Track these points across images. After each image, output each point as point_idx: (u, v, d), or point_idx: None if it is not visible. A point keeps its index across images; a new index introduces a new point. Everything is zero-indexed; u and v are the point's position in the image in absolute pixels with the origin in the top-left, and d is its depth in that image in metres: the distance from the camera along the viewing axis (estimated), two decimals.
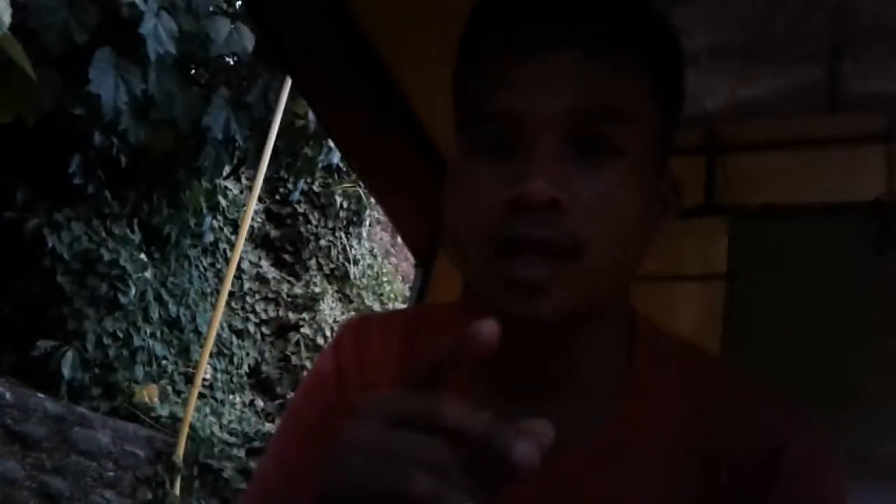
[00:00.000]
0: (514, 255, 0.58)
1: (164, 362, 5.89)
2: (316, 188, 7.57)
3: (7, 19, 3.39)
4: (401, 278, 8.33)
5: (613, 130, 0.60)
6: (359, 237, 7.91)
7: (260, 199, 6.68)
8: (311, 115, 5.13)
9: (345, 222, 7.75)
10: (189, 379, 5.83)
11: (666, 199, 0.66)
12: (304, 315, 7.17)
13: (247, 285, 7.11)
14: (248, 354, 6.84)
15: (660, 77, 0.63)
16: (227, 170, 5.59)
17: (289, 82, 4.88)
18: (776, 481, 0.63)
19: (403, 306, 5.54)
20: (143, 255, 5.63)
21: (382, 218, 7.66)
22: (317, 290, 7.37)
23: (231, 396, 6.50)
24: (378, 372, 0.74)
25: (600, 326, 0.67)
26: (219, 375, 6.46)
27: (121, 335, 5.40)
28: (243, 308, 7.05)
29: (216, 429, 5.72)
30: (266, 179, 5.97)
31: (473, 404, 0.67)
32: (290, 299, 7.26)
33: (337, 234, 7.72)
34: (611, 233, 0.59)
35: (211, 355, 5.90)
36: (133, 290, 5.33)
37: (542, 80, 0.59)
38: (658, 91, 0.63)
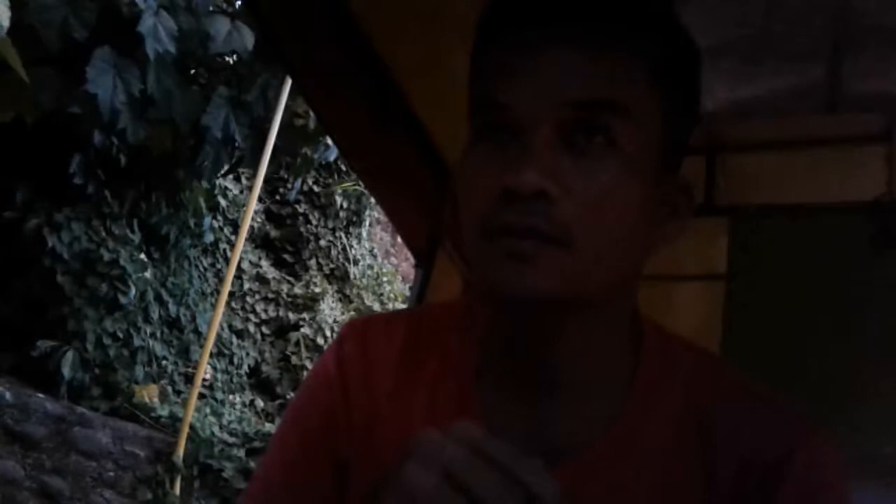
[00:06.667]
0: (503, 238, 0.60)
1: (164, 362, 5.89)
2: (316, 188, 7.57)
3: (6, 23, 3.37)
4: (401, 278, 8.33)
5: (608, 121, 0.61)
6: (359, 237, 7.91)
7: (260, 199, 6.68)
8: (311, 115, 5.13)
9: (345, 222, 7.74)
10: (189, 379, 5.83)
11: (673, 202, 0.66)
12: (304, 315, 7.17)
13: (247, 285, 7.10)
14: (248, 354, 6.83)
15: (663, 77, 0.63)
16: (225, 169, 5.58)
17: (289, 81, 4.88)
18: (781, 488, 0.63)
19: (403, 306, 5.55)
20: (143, 255, 5.63)
21: (382, 218, 7.66)
22: (317, 290, 7.37)
23: (231, 396, 6.50)
24: (381, 372, 0.74)
25: (602, 326, 0.67)
26: (219, 375, 6.46)
27: (121, 335, 5.40)
28: (243, 308, 7.04)
29: (216, 429, 5.72)
30: (266, 179, 5.96)
31: (479, 406, 0.68)
32: (290, 299, 7.26)
33: (337, 234, 7.71)
34: (600, 223, 0.60)
35: (211, 355, 5.90)
36: (133, 290, 5.33)
37: (541, 75, 0.61)
38: (661, 91, 0.63)
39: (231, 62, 5.41)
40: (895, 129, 1.58)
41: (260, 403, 6.67)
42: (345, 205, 7.63)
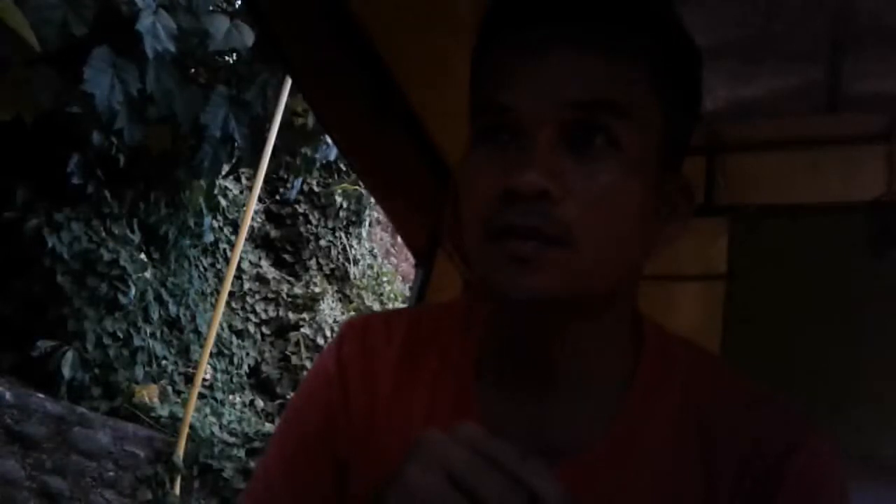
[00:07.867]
0: (505, 240, 0.61)
1: (164, 362, 5.88)
2: (316, 188, 7.57)
3: None
4: (401, 278, 8.33)
5: (609, 121, 0.61)
6: (359, 237, 7.91)
7: (260, 199, 6.68)
8: (310, 114, 5.12)
9: (345, 222, 7.74)
10: (189, 379, 5.83)
11: (673, 202, 0.66)
12: (304, 315, 7.17)
13: (247, 285, 7.10)
14: (248, 354, 6.83)
15: (663, 78, 0.64)
16: (225, 169, 5.57)
17: (289, 81, 4.87)
18: (781, 488, 0.63)
19: (403, 306, 5.55)
20: (142, 255, 5.62)
21: (382, 218, 7.66)
22: (317, 290, 7.36)
23: (231, 396, 6.50)
24: (381, 371, 0.74)
25: (602, 326, 0.67)
26: (219, 375, 6.46)
27: (121, 335, 5.40)
28: (243, 308, 7.04)
29: (216, 429, 5.72)
30: (266, 179, 5.96)
31: (479, 406, 0.68)
32: (290, 299, 7.25)
33: (337, 234, 7.71)
34: (602, 223, 0.61)
35: (211, 355, 5.90)
36: (133, 290, 5.33)
37: (542, 75, 0.61)
38: (661, 92, 0.63)
39: (230, 61, 5.40)
40: (895, 129, 1.58)
41: (260, 403, 6.67)
42: (345, 205, 7.63)
